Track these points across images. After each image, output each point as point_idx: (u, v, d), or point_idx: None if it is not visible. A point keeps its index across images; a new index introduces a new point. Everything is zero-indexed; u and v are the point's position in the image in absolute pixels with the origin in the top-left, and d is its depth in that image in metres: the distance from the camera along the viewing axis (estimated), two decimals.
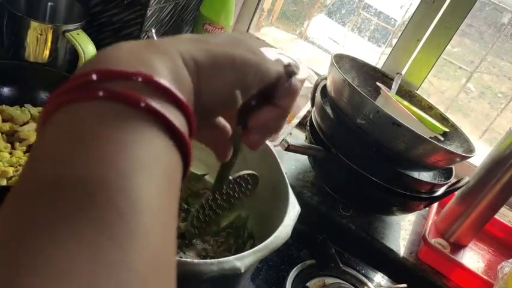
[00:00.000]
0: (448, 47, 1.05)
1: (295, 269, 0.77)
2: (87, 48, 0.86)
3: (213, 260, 0.45)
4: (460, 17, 1.01)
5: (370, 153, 0.78)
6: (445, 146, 0.76)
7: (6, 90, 0.81)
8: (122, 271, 0.18)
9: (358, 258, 0.85)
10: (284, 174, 0.62)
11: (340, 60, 0.94)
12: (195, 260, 0.44)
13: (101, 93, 0.23)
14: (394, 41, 1.13)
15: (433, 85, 1.54)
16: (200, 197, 0.72)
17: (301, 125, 1.06)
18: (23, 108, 0.80)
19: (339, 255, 0.82)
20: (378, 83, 0.97)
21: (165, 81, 0.25)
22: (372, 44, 1.66)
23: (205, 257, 0.64)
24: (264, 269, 0.76)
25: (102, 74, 0.24)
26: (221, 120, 0.38)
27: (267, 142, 0.67)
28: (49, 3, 0.94)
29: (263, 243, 0.50)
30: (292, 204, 0.57)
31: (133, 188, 0.21)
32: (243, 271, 0.46)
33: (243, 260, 0.46)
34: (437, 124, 0.90)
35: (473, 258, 0.92)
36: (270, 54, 0.88)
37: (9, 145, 0.74)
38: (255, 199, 0.70)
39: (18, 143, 0.75)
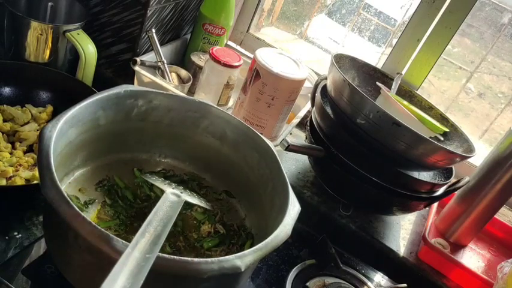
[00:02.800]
0: (448, 47, 1.05)
1: (295, 268, 0.77)
2: (87, 48, 0.86)
3: (213, 259, 0.45)
4: (460, 17, 1.01)
5: (370, 153, 0.78)
6: (445, 146, 0.76)
7: (7, 90, 0.81)
8: None
9: (358, 258, 0.85)
10: (284, 173, 0.62)
11: (340, 60, 0.94)
12: (195, 259, 0.44)
13: None
14: (394, 41, 1.13)
15: (433, 85, 1.54)
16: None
17: (301, 125, 1.06)
18: (24, 108, 0.81)
19: (339, 255, 0.82)
20: (378, 83, 0.97)
21: None
22: (372, 44, 1.66)
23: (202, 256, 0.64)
24: (264, 268, 0.76)
25: None
26: None
27: (267, 142, 0.67)
28: (49, 3, 0.94)
29: (263, 242, 0.50)
30: (293, 203, 0.57)
31: None
32: (243, 270, 0.46)
33: (243, 259, 0.46)
34: (437, 124, 0.90)
35: (473, 258, 0.92)
36: (270, 54, 0.88)
37: (9, 145, 0.74)
38: (254, 200, 0.70)
39: (18, 143, 0.76)
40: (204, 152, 0.75)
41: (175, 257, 0.44)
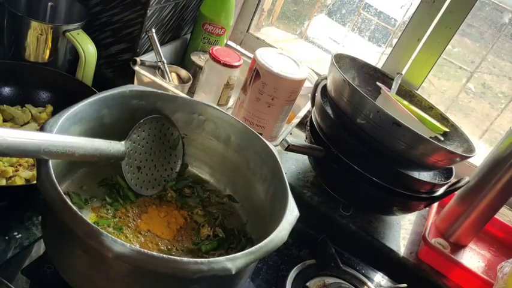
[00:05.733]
0: (449, 46, 1.05)
1: (295, 269, 0.77)
2: (87, 48, 0.86)
3: (203, 260, 0.44)
4: (460, 17, 1.01)
5: (370, 153, 0.78)
6: (445, 146, 0.76)
7: (7, 90, 0.81)
8: None
9: (358, 258, 0.85)
10: (285, 180, 0.62)
11: (341, 60, 0.94)
12: (185, 259, 0.43)
13: None
14: (395, 41, 1.13)
15: (434, 85, 1.54)
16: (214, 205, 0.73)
17: (301, 125, 1.06)
18: (24, 108, 0.81)
19: (339, 255, 0.82)
20: (378, 83, 0.97)
21: None
22: (372, 44, 1.66)
23: None
24: (264, 269, 0.76)
25: None
26: None
27: (271, 147, 0.67)
28: (49, 3, 0.94)
29: (257, 246, 0.49)
30: (291, 209, 0.57)
31: None
32: (234, 272, 0.45)
33: (234, 261, 0.45)
34: (438, 124, 0.90)
35: (473, 258, 0.92)
36: (270, 54, 0.88)
37: None
38: (255, 205, 0.70)
39: None
40: (208, 155, 0.75)
41: (164, 255, 0.43)
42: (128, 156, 0.64)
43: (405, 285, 0.81)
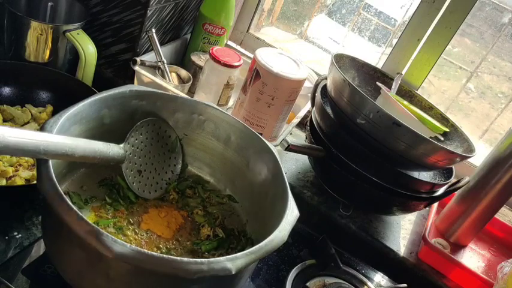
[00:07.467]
0: (449, 46, 1.05)
1: (295, 269, 0.77)
2: (87, 48, 0.86)
3: (203, 260, 0.44)
4: (460, 17, 1.01)
5: (370, 153, 0.78)
6: (445, 146, 0.76)
7: (7, 90, 0.81)
8: None
9: (358, 258, 0.85)
10: (285, 179, 0.62)
11: (341, 60, 0.94)
12: (185, 259, 0.44)
13: None
14: (395, 41, 1.13)
15: (434, 85, 1.54)
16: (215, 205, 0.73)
17: (301, 125, 1.06)
18: (24, 108, 0.81)
19: (339, 255, 0.82)
20: (378, 83, 0.97)
21: None
22: (372, 44, 1.66)
23: None
24: (264, 268, 0.76)
25: None
26: None
27: (271, 147, 0.67)
28: (49, 3, 0.94)
29: (257, 246, 0.49)
30: (291, 209, 0.57)
31: None
32: (234, 272, 0.45)
33: (234, 261, 0.46)
34: (438, 124, 0.90)
35: (473, 258, 0.92)
36: (270, 54, 0.88)
37: None
38: (256, 205, 0.70)
39: None
40: (208, 155, 0.75)
41: (164, 255, 0.43)
42: (128, 160, 0.64)
43: (405, 285, 0.81)
